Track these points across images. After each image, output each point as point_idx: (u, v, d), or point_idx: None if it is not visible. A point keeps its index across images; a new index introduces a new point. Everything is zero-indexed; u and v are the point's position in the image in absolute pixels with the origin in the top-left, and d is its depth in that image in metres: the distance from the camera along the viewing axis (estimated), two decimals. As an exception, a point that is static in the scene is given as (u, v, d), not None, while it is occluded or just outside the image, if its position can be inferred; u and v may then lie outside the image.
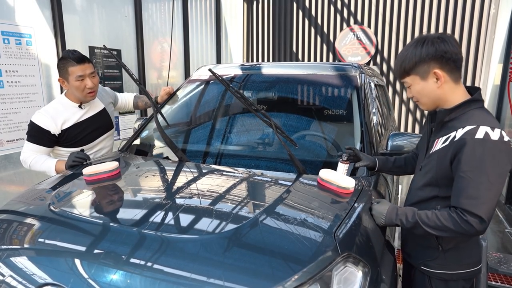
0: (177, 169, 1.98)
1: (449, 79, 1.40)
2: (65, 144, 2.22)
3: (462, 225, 1.29)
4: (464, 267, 1.49)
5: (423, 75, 1.41)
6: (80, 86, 2.13)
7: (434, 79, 1.40)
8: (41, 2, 3.40)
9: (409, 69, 1.43)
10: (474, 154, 1.28)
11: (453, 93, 1.42)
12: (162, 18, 5.12)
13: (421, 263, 1.55)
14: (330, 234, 1.31)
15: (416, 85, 1.45)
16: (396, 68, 1.49)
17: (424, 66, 1.39)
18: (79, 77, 2.11)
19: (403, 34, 5.95)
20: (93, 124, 2.28)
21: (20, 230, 1.44)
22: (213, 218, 1.40)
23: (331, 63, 2.68)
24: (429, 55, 1.37)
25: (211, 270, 1.16)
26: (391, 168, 1.86)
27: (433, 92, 1.42)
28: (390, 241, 1.67)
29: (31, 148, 2.16)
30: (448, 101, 1.43)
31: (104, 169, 1.81)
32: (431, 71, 1.39)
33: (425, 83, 1.42)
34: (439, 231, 1.35)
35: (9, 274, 1.27)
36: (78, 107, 2.23)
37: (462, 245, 1.47)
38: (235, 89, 1.88)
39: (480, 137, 1.28)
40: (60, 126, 2.15)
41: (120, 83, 4.41)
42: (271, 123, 1.82)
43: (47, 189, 1.77)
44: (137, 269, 1.18)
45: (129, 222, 1.38)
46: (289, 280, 1.13)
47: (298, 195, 1.65)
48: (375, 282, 1.32)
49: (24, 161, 2.18)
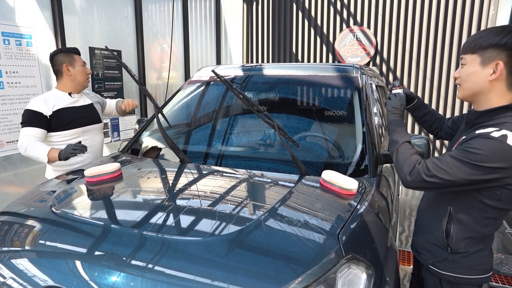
0: (179, 170, 1.98)
1: (505, 79, 1.29)
2: (54, 127, 2.37)
3: (409, 167, 1.37)
4: (474, 273, 1.45)
5: (485, 60, 1.30)
6: (84, 71, 2.50)
7: (491, 70, 1.29)
8: (41, 3, 3.40)
9: (479, 47, 1.31)
10: (479, 142, 1.24)
11: (498, 96, 1.32)
12: (162, 19, 5.12)
13: (430, 262, 1.53)
14: (333, 235, 1.30)
15: (471, 66, 1.34)
16: (468, 41, 1.36)
17: (493, 52, 1.28)
18: (83, 62, 2.52)
19: (403, 35, 5.96)
20: (81, 112, 2.50)
21: (22, 232, 1.43)
22: (216, 220, 1.39)
23: (333, 64, 2.68)
24: (506, 45, 1.26)
25: (214, 273, 1.15)
26: (422, 116, 1.88)
27: (481, 82, 1.32)
28: (393, 242, 1.66)
29: (27, 133, 2.26)
30: (488, 101, 1.34)
31: (106, 171, 1.80)
32: (494, 60, 1.28)
33: (480, 69, 1.31)
34: (395, 159, 1.47)
35: (12, 276, 1.27)
36: (68, 94, 2.47)
37: (473, 251, 1.43)
38: (238, 90, 1.87)
39: (495, 136, 1.22)
40: (51, 108, 2.34)
41: (120, 84, 4.40)
42: (273, 124, 1.82)
43: (48, 191, 1.76)
44: (140, 271, 1.17)
45: (132, 224, 1.38)
46: (293, 282, 1.12)
47: (301, 196, 1.65)
48: (379, 284, 1.32)
49: (21, 146, 2.26)
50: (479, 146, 1.24)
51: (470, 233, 1.40)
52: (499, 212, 1.36)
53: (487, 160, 1.22)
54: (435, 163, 1.32)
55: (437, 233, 1.48)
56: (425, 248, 1.56)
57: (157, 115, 2.15)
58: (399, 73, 6.08)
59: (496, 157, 1.21)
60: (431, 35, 5.76)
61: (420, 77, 5.92)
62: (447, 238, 1.44)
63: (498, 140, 1.21)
